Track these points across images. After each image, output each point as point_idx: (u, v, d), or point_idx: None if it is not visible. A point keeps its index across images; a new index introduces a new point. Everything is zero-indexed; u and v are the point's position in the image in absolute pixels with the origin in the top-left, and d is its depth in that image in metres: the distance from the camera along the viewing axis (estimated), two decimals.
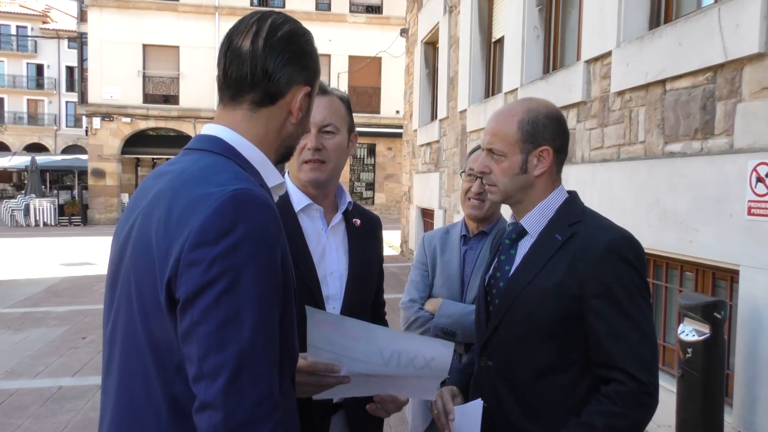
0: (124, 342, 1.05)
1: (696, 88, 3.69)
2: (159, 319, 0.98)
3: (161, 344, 0.99)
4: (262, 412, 0.94)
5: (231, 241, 0.94)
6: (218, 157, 1.08)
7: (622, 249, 1.40)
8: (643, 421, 1.37)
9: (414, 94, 12.16)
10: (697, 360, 3.08)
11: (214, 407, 0.92)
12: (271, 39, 1.13)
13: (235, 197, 0.97)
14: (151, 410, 1.01)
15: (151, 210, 1.02)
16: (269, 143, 1.15)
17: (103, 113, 21.79)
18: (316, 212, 1.66)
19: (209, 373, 0.93)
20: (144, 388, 1.01)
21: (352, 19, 23.86)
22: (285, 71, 1.13)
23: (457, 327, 2.05)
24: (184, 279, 0.94)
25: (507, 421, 1.47)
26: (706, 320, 3.06)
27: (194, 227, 0.95)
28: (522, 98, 1.60)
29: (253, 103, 1.14)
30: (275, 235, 1.00)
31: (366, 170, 24.66)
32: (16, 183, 40.37)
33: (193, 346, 0.94)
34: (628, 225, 4.59)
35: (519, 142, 1.47)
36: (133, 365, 1.03)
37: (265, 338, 0.96)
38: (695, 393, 3.11)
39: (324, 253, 1.64)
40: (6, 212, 20.90)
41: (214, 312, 0.93)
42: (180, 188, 1.02)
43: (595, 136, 4.93)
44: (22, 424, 4.11)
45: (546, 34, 6.34)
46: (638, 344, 1.36)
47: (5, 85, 43.29)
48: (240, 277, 0.94)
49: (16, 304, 7.92)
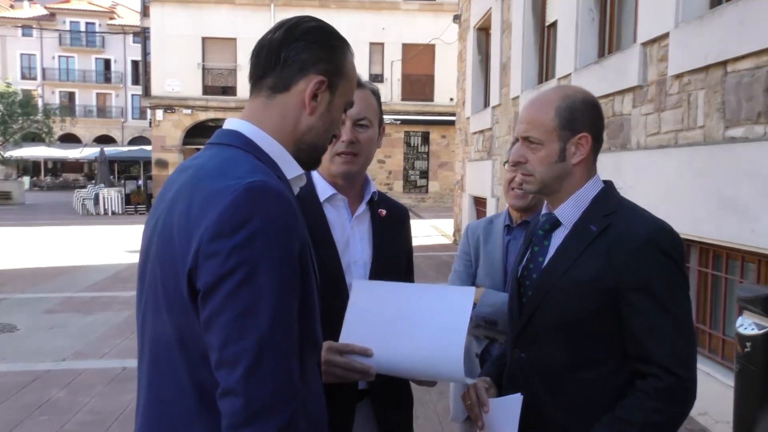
0: (153, 331, 1.10)
1: (759, 69, 3.50)
2: (183, 309, 1.02)
3: (186, 333, 1.03)
4: (281, 399, 0.97)
5: (247, 233, 0.97)
6: (236, 150, 1.11)
7: (661, 241, 1.35)
8: (680, 417, 1.33)
9: (467, 81, 12.02)
10: (756, 354, 2.95)
11: (235, 393, 0.96)
12: (292, 30, 1.17)
13: (250, 189, 0.99)
14: (179, 396, 1.05)
15: (174, 203, 1.06)
16: (286, 135, 1.17)
17: (165, 105, 22.58)
18: (341, 202, 1.68)
19: (229, 360, 0.96)
20: (172, 376, 1.06)
21: (405, 7, 23.71)
22: (299, 57, 1.15)
23: (498, 316, 2.06)
24: (203, 270, 0.98)
25: (540, 414, 1.46)
26: (766, 313, 2.92)
27: (211, 220, 0.98)
28: (556, 86, 1.57)
29: (269, 89, 1.16)
30: (291, 225, 1.02)
31: (420, 158, 24.58)
32: (87, 173, 42.50)
33: (214, 335, 0.98)
34: (686, 214, 4.45)
35: (557, 129, 1.43)
36: (161, 353, 1.08)
37: (284, 326, 0.99)
38: (753, 388, 2.98)
39: (348, 242, 1.66)
40: (78, 201, 22.01)
41: (232, 302, 0.96)
42: (199, 182, 1.05)
43: (651, 122, 4.76)
44: (88, 402, 4.37)
45: (602, 17, 6.13)
46: (676, 339, 1.32)
47: (76, 80, 45.48)
48: (257, 267, 0.96)
49: (84, 289, 8.37)
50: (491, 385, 1.60)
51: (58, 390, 4.58)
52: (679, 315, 1.34)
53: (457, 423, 2.31)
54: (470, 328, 2.16)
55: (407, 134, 24.19)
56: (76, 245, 12.77)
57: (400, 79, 23.92)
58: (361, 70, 20.80)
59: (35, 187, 38.37)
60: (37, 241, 13.39)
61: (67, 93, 45.46)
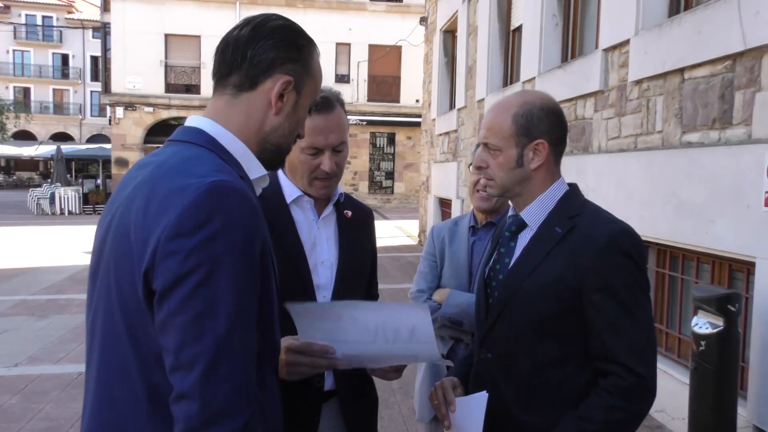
0: (104, 333, 1.07)
1: (715, 77, 3.62)
2: (137, 309, 0.99)
3: (140, 335, 1.00)
4: (238, 403, 0.95)
5: (208, 233, 0.94)
6: (199, 149, 1.09)
7: (622, 243, 1.38)
8: (640, 414, 1.36)
9: (432, 83, 12.10)
10: (710, 353, 3.05)
11: (190, 397, 0.93)
12: (259, 27, 1.15)
13: (212, 189, 0.97)
14: (130, 400, 1.02)
15: (131, 201, 1.03)
16: (251, 134, 1.15)
17: (126, 103, 22.09)
18: (308, 204, 1.69)
19: (186, 363, 0.94)
20: (123, 379, 1.03)
21: (372, 8, 23.75)
22: (266, 55, 1.13)
23: (464, 316, 2.08)
24: (160, 270, 0.95)
25: (506, 414, 1.47)
26: (720, 313, 3.02)
27: (171, 218, 0.95)
28: (518, 91, 1.59)
29: (235, 87, 1.14)
30: (253, 226, 1.00)
31: (386, 159, 24.64)
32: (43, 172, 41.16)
33: (169, 336, 0.95)
34: (644, 216, 4.56)
35: (514, 136, 1.46)
36: (112, 356, 1.05)
37: (242, 329, 0.97)
38: (708, 386, 3.08)
39: (315, 243, 1.67)
40: (32, 201, 21.32)
41: (190, 303, 0.93)
42: (159, 180, 1.02)
43: (612, 126, 4.87)
44: (43, 408, 4.23)
45: (565, 22, 6.25)
46: (637, 338, 1.36)
47: (32, 75, 44.02)
48: (216, 268, 0.94)
49: (40, 291, 8.11)
50: (458, 385, 1.61)
51: (10, 396, 4.42)
52: (640, 315, 1.37)
53: (422, 423, 2.32)
54: (436, 329, 2.17)
55: (373, 135, 24.23)
56: (31, 246, 12.37)
57: (367, 79, 23.94)
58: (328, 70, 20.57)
59: None
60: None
61: (22, 88, 43.98)
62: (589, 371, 1.41)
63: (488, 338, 1.53)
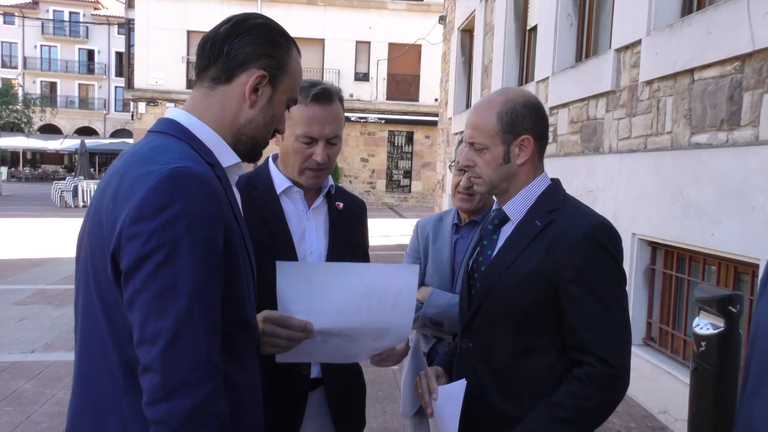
0: (84, 312, 1.14)
1: (724, 78, 3.59)
2: (109, 289, 1.06)
3: (114, 313, 1.07)
4: (199, 376, 1.00)
5: (168, 215, 1.00)
6: (170, 138, 1.15)
7: (597, 236, 1.41)
8: (611, 403, 1.39)
9: (450, 82, 12.10)
10: (710, 354, 3.03)
11: (153, 370, 1.00)
12: (238, 25, 1.21)
13: (173, 174, 1.03)
14: (108, 375, 1.09)
15: (105, 189, 1.11)
16: (225, 125, 1.21)
17: (148, 98, 22.40)
18: (297, 194, 1.72)
19: (149, 338, 1.00)
20: (101, 355, 1.10)
21: (392, 6, 23.76)
22: (242, 50, 1.19)
23: (445, 317, 2.06)
24: (125, 251, 1.01)
25: (486, 402, 1.51)
26: (721, 314, 3.00)
27: (134, 203, 1.02)
28: (500, 89, 1.62)
29: (212, 80, 1.20)
30: (213, 210, 1.06)
31: (404, 158, 24.64)
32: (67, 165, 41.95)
33: (135, 313, 1.01)
34: (652, 217, 4.53)
35: (500, 134, 1.49)
36: (91, 333, 1.12)
37: (203, 307, 1.02)
38: (708, 387, 3.06)
39: (304, 233, 1.70)
40: (56, 193, 21.73)
41: (152, 282, 1.00)
42: (129, 167, 1.10)
43: (623, 126, 4.85)
44: (56, 394, 4.35)
45: (579, 22, 6.23)
46: (610, 329, 1.38)
47: (58, 70, 44.83)
48: (177, 248, 1.00)
49: (58, 281, 8.29)
50: (442, 374, 1.65)
51: (25, 381, 4.55)
52: (614, 306, 1.40)
53: (406, 418, 2.34)
54: (417, 327, 2.19)
55: (391, 133, 24.26)
56: (52, 237, 12.63)
57: (386, 78, 23.97)
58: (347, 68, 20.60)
59: (13, 178, 37.74)
60: (12, 233, 13.22)
61: (49, 83, 44.82)
62: (566, 362, 1.44)
63: (469, 328, 1.56)
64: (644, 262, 4.53)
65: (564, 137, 5.98)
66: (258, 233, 1.60)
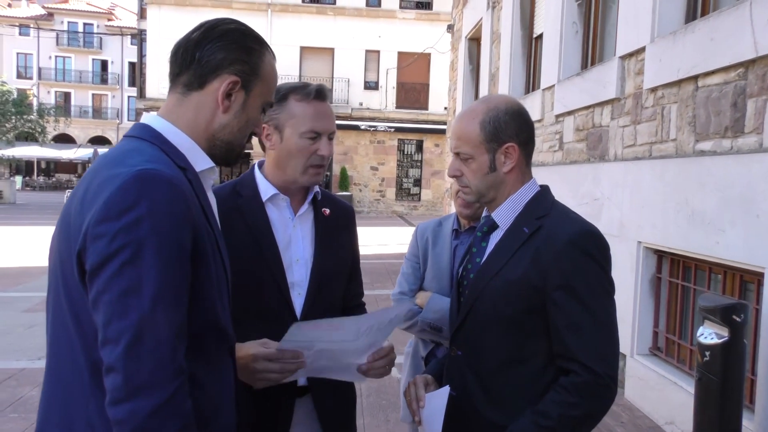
0: (54, 312, 1.15)
1: (727, 85, 3.57)
2: (76, 289, 1.07)
3: (81, 314, 1.08)
4: (162, 376, 1.00)
5: (133, 217, 1.01)
6: (143, 142, 1.16)
7: (584, 242, 1.40)
8: (597, 412, 1.37)
9: (458, 90, 12.11)
10: (714, 363, 2.99)
11: (116, 370, 1.00)
12: (210, 31, 1.22)
13: (139, 176, 1.04)
14: (76, 375, 1.09)
15: (76, 191, 1.13)
16: (199, 130, 1.22)
17: (159, 108, 22.58)
18: (283, 202, 1.71)
19: (112, 338, 1.00)
20: (69, 355, 1.10)
21: (401, 15, 23.87)
22: (214, 56, 1.20)
23: (443, 322, 2.06)
24: (90, 251, 1.02)
25: (473, 409, 1.50)
26: (725, 323, 2.97)
27: (100, 203, 1.03)
28: (482, 97, 1.62)
29: (185, 87, 1.22)
30: (180, 212, 1.06)
31: (413, 166, 24.66)
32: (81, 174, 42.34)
33: (99, 313, 1.02)
34: (657, 225, 4.49)
35: (484, 143, 1.49)
36: (60, 333, 1.13)
37: (166, 308, 1.03)
38: (712, 397, 3.02)
39: (290, 241, 1.70)
40: None
41: (116, 282, 1.00)
42: (99, 170, 1.11)
43: (628, 134, 4.82)
44: None
45: (585, 30, 6.22)
46: (596, 337, 1.37)
47: (72, 80, 45.44)
48: (141, 249, 1.00)
49: None
50: (431, 382, 1.64)
51: (31, 388, 4.58)
52: (600, 313, 1.38)
53: (406, 423, 2.34)
54: (416, 332, 2.19)
55: (401, 142, 24.29)
56: None
57: (395, 86, 24.04)
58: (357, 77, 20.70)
59: (27, 186, 38.23)
60: (26, 241, 13.36)
61: (63, 93, 45.42)
62: (554, 370, 1.43)
63: (458, 335, 1.56)
64: (650, 270, 4.48)
65: (570, 145, 5.96)
66: (243, 240, 1.60)
